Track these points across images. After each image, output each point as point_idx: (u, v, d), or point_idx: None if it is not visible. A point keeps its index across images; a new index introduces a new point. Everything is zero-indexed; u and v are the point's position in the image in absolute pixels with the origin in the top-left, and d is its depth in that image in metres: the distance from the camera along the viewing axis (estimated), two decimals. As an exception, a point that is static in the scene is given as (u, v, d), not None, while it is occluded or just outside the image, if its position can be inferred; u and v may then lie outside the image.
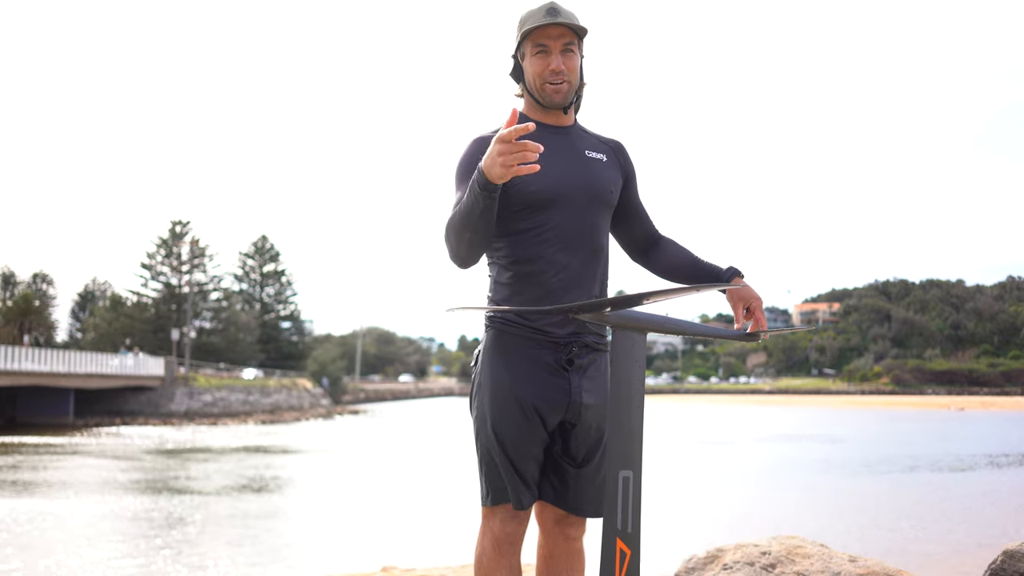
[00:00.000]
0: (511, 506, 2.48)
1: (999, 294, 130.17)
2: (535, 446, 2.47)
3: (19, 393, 38.77)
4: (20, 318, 53.84)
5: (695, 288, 2.25)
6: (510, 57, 2.59)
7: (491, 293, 2.57)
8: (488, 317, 2.57)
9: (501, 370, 2.49)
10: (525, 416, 2.45)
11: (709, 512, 15.06)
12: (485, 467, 2.52)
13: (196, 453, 26.38)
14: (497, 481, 2.49)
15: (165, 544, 11.68)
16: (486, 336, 2.57)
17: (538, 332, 2.48)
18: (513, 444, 2.46)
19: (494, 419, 2.47)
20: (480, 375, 2.55)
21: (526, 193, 2.46)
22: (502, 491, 2.48)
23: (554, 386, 2.46)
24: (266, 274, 76.66)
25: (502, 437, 2.46)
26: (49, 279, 78.17)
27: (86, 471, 20.50)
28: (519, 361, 2.48)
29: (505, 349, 2.50)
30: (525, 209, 2.47)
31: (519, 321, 2.49)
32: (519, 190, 2.46)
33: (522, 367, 2.47)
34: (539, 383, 2.46)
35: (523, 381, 2.46)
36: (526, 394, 2.45)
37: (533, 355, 2.48)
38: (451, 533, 12.50)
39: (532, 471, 2.49)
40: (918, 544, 12.13)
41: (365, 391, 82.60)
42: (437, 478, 20.26)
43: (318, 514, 14.94)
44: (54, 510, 14.49)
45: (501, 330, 2.52)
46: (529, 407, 2.45)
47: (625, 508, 2.19)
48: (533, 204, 2.46)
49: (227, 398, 47.17)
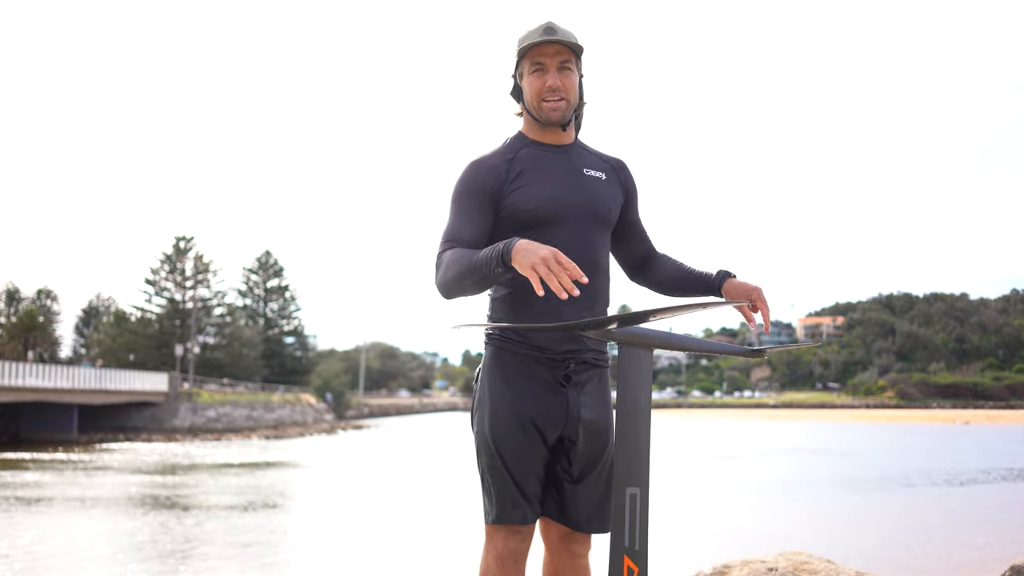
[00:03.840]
0: (514, 523, 2.48)
1: (1003, 307, 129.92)
2: (535, 462, 2.48)
3: (23, 409, 38.74)
4: (24, 334, 53.95)
5: (702, 305, 2.25)
6: (510, 77, 2.62)
7: (489, 311, 2.59)
8: (487, 334, 2.59)
9: (500, 386, 2.51)
10: (524, 432, 2.46)
11: (715, 528, 15.00)
12: (487, 483, 2.52)
13: (200, 469, 26.34)
14: (499, 497, 2.49)
15: (167, 562, 11.65)
16: (486, 353, 2.59)
17: (535, 349, 2.50)
18: (514, 460, 2.47)
19: (494, 435, 2.48)
20: (480, 391, 2.57)
21: (523, 212, 2.48)
22: (504, 508, 2.48)
23: (552, 402, 2.48)
24: (270, 289, 76.71)
25: (503, 453, 2.47)
26: (53, 295, 78.15)
27: (90, 488, 20.47)
28: (517, 378, 2.50)
29: (504, 366, 2.52)
30: (522, 228, 2.48)
31: (516, 338, 2.51)
32: (516, 209, 2.49)
33: (520, 383, 2.49)
34: (537, 399, 2.48)
35: (521, 397, 2.48)
36: (525, 410, 2.47)
37: (531, 372, 2.50)
38: (455, 551, 12.46)
39: (533, 487, 2.49)
40: (925, 559, 12.08)
41: (369, 406, 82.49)
42: (441, 494, 20.20)
43: (321, 531, 14.91)
44: (57, 526, 14.46)
45: (499, 347, 2.54)
46: (528, 423, 2.46)
47: (632, 525, 2.19)
48: (530, 223, 2.48)
49: (231, 413, 47.13)
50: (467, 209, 2.49)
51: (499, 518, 2.49)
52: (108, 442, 38.18)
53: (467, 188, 2.51)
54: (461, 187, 2.52)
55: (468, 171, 2.54)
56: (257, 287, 76.45)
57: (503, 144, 2.61)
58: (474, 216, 2.49)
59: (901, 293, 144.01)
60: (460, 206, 2.50)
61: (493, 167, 2.53)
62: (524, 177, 2.52)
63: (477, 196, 2.50)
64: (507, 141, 2.61)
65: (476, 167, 2.54)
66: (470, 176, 2.53)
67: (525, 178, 2.51)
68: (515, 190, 2.50)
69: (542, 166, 2.55)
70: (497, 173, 2.52)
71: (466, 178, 2.53)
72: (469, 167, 2.55)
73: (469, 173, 2.54)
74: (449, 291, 2.40)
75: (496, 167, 2.53)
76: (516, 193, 2.50)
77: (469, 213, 2.49)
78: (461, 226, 2.48)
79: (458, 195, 2.52)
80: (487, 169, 2.53)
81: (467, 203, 2.50)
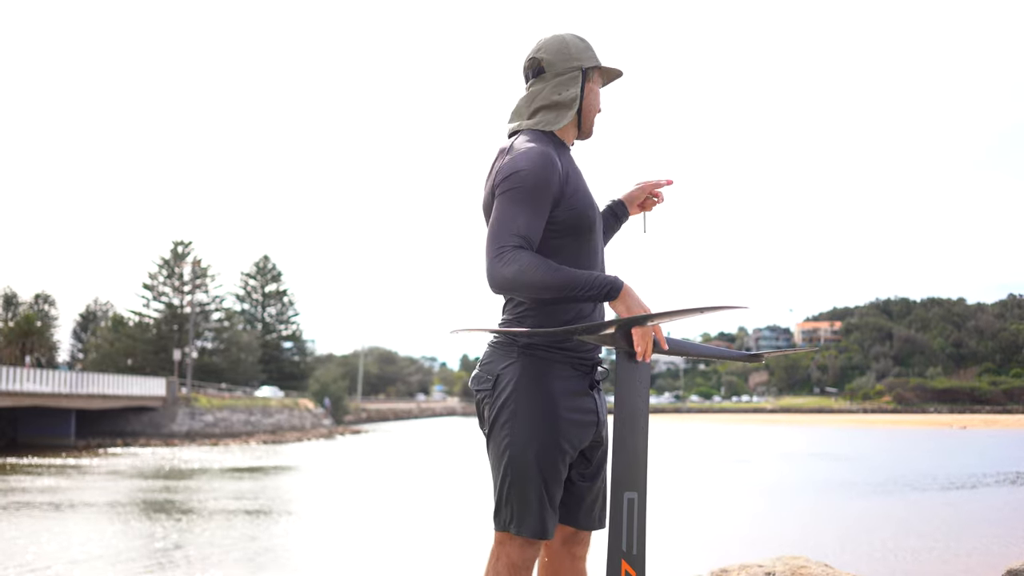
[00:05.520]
0: (539, 536, 2.43)
1: (1000, 312, 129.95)
2: (565, 470, 2.47)
3: (20, 414, 38.68)
4: (22, 339, 53.78)
5: (698, 310, 2.26)
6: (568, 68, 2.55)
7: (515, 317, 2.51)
8: (519, 344, 2.48)
9: (542, 397, 2.44)
10: (568, 442, 2.44)
11: (713, 532, 14.99)
12: (515, 494, 2.43)
13: (198, 474, 26.30)
14: (527, 509, 2.42)
15: (163, 567, 11.63)
16: (519, 362, 2.47)
17: (572, 356, 2.48)
18: (553, 472, 2.42)
19: (537, 448, 2.41)
20: (515, 402, 2.45)
21: (581, 216, 2.48)
22: (533, 519, 2.42)
23: (587, 409, 2.49)
24: (268, 294, 76.66)
25: (543, 465, 2.41)
26: (51, 300, 78.02)
27: (87, 492, 20.44)
28: (558, 386, 2.45)
29: (543, 375, 2.46)
30: (568, 234, 2.47)
31: (554, 347, 2.47)
32: (571, 214, 2.45)
33: (561, 393, 2.45)
34: (578, 408, 2.47)
35: (566, 408, 2.45)
36: (570, 420, 2.44)
37: (570, 380, 2.48)
38: (453, 555, 12.46)
39: (559, 497, 2.47)
40: (922, 564, 12.08)
41: (367, 411, 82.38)
42: (439, 499, 20.18)
43: (319, 536, 14.89)
44: (54, 531, 14.44)
45: (537, 355, 2.47)
46: (573, 434, 2.45)
47: (630, 529, 2.20)
48: (581, 228, 2.49)
49: (229, 418, 47.07)
50: (541, 207, 2.38)
51: (531, 532, 2.42)
52: (106, 447, 38.11)
53: (542, 184, 2.39)
54: (535, 180, 2.38)
55: (542, 163, 2.40)
56: (255, 292, 76.41)
57: (543, 140, 2.50)
58: (542, 215, 2.39)
59: (898, 298, 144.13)
60: (534, 203, 2.38)
61: (558, 165, 2.44)
62: (572, 182, 2.48)
63: (548, 193, 2.40)
64: (539, 136, 2.52)
65: (550, 162, 2.42)
66: (546, 171, 2.40)
67: (572, 183, 2.48)
68: (570, 195, 2.46)
69: (578, 173, 2.55)
70: (560, 172, 2.44)
71: (541, 172, 2.39)
72: (541, 159, 2.41)
73: (544, 167, 2.40)
74: (515, 290, 2.32)
75: (559, 166, 2.44)
76: (572, 198, 2.46)
77: (539, 211, 2.38)
78: (535, 226, 2.37)
79: (532, 189, 2.38)
80: (555, 166, 2.42)
81: (540, 201, 2.38)
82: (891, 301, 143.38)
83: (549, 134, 2.53)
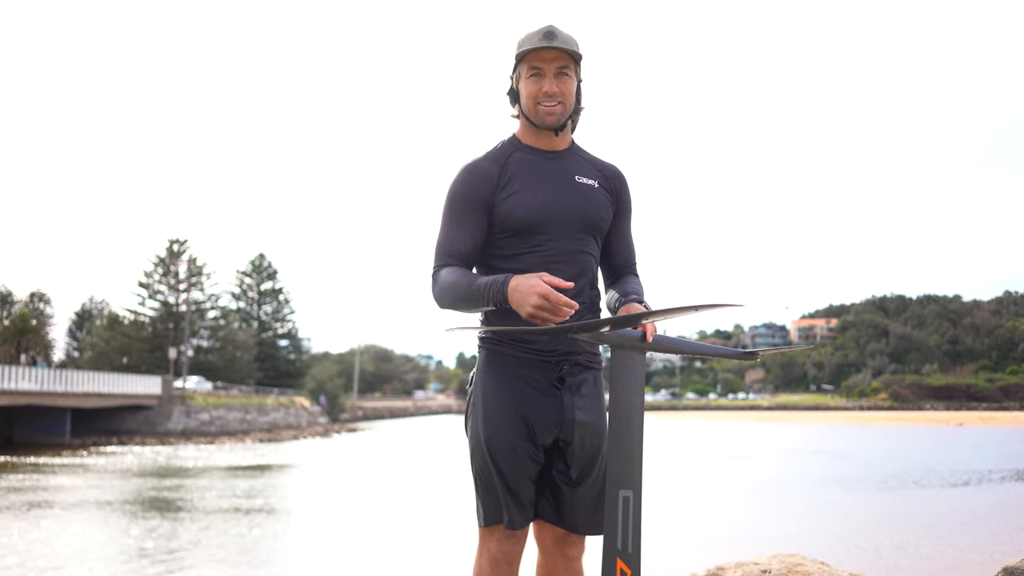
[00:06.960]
0: (506, 527, 2.47)
1: (996, 309, 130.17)
2: (529, 465, 2.47)
3: (16, 412, 38.60)
4: (17, 337, 53.61)
5: (693, 308, 2.24)
6: (508, 78, 2.59)
7: (483, 315, 2.56)
8: (480, 338, 2.57)
9: (494, 389, 2.49)
10: (519, 435, 2.45)
11: (709, 530, 15.00)
12: (481, 487, 2.51)
13: (194, 472, 26.27)
14: (492, 501, 2.48)
15: (159, 565, 11.61)
16: (480, 356, 2.58)
17: (529, 351, 2.48)
18: (507, 464, 2.45)
19: (488, 439, 2.47)
20: (474, 395, 2.56)
21: (515, 219, 2.46)
22: (497, 511, 2.48)
23: (547, 405, 2.47)
24: (264, 292, 76.60)
25: (496, 457, 2.46)
26: (46, 298, 77.89)
27: (83, 491, 20.40)
28: (511, 381, 2.49)
29: (497, 369, 2.51)
30: (514, 235, 2.47)
31: (510, 341, 2.50)
32: (508, 216, 2.46)
33: (514, 387, 2.48)
34: (531, 402, 2.46)
35: (516, 400, 2.46)
36: (518, 413, 2.46)
37: (525, 374, 2.48)
38: (448, 553, 12.45)
39: (527, 490, 2.48)
40: (918, 560, 12.10)
41: (363, 409, 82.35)
42: (435, 497, 20.18)
43: (315, 534, 14.88)
44: (49, 530, 14.40)
45: (493, 350, 2.53)
46: (522, 426, 2.45)
47: (625, 527, 2.19)
48: (520, 229, 2.46)
49: (224, 417, 47.00)
50: (461, 218, 2.47)
51: (492, 521, 2.49)
52: (101, 445, 38.05)
53: (460, 195, 2.47)
54: (454, 194, 2.49)
55: (461, 177, 2.50)
56: (251, 290, 76.36)
57: (495, 148, 2.56)
58: (468, 225, 2.46)
59: (894, 295, 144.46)
60: (453, 215, 2.47)
61: (486, 173, 2.48)
62: (516, 183, 2.47)
63: (471, 203, 2.46)
64: (499, 145, 2.57)
65: (469, 173, 2.49)
66: (463, 182, 2.48)
67: (516, 184, 2.47)
68: (507, 197, 2.46)
69: (534, 172, 2.50)
70: (490, 179, 2.47)
71: (459, 184, 2.49)
72: (461, 172, 2.50)
73: (462, 179, 2.49)
74: (445, 307, 2.45)
75: (489, 173, 2.48)
76: (508, 200, 2.46)
77: (463, 222, 2.46)
78: (456, 238, 2.46)
79: (451, 202, 2.48)
80: (480, 175, 2.48)
81: (460, 211, 2.47)
82: (887, 298, 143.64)
83: (511, 136, 2.59)
